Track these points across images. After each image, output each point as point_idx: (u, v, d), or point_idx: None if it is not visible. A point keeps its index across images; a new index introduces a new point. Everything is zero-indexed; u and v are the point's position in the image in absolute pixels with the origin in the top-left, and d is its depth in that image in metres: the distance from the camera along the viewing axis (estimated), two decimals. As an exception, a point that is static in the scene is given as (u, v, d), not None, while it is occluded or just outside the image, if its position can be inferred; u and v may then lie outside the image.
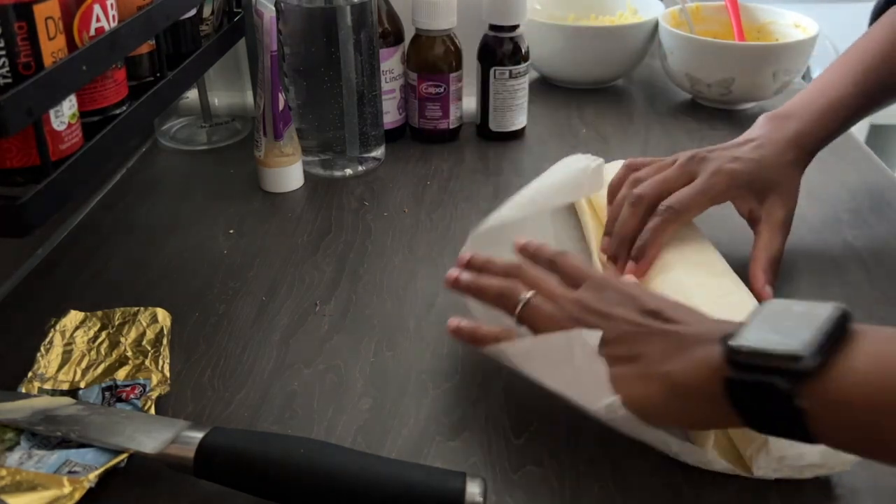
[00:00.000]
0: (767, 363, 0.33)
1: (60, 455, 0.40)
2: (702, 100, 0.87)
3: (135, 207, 0.69)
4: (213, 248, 0.62)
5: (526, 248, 0.49)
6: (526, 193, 0.58)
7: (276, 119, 0.66)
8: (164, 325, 0.51)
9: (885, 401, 0.32)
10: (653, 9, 0.90)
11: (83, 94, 0.51)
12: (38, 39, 0.44)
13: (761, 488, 0.40)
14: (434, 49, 0.75)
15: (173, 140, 0.81)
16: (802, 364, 0.32)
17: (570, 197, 0.62)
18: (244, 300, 0.56)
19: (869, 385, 0.32)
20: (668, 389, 0.37)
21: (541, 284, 0.44)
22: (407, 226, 0.65)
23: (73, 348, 0.49)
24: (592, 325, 0.40)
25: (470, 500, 0.37)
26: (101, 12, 0.50)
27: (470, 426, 0.45)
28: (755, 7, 0.90)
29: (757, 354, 0.34)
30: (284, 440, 0.40)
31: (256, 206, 0.68)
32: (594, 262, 0.57)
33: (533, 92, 0.80)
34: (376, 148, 0.74)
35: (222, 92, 0.85)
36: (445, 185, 0.71)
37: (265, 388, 0.48)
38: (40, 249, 0.62)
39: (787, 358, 0.33)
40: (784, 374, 0.33)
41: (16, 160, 0.46)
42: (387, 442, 0.44)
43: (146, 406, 0.44)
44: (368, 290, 0.57)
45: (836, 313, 0.34)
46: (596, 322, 0.41)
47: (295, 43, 0.68)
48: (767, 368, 0.33)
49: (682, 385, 0.37)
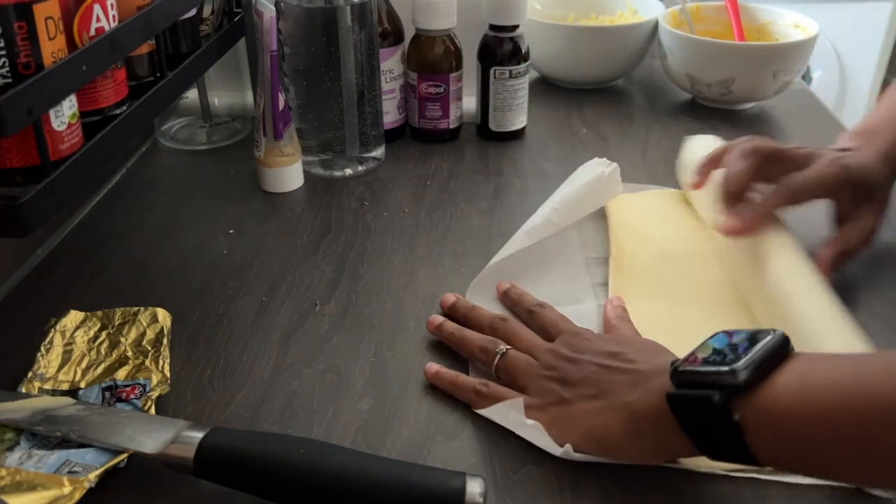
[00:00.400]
0: (704, 378, 0.36)
1: (60, 455, 0.40)
2: (702, 100, 0.87)
3: (135, 207, 0.69)
4: (213, 248, 0.62)
5: (507, 296, 0.54)
6: (542, 213, 0.59)
7: (276, 119, 0.66)
8: (165, 325, 0.51)
9: (810, 415, 0.33)
10: (653, 9, 0.91)
11: (83, 94, 0.51)
12: (38, 39, 0.44)
13: (760, 486, 0.40)
14: (434, 49, 0.75)
15: (173, 140, 0.81)
16: (736, 378, 0.34)
17: (590, 207, 0.62)
18: (244, 300, 0.56)
19: (794, 400, 0.34)
20: (629, 418, 0.39)
21: (518, 336, 0.48)
22: (407, 226, 0.65)
23: (74, 348, 0.49)
24: (563, 371, 0.44)
25: (470, 500, 0.37)
26: (101, 12, 0.50)
27: (470, 426, 0.45)
28: (755, 7, 0.90)
29: (695, 371, 0.36)
30: (284, 440, 0.40)
31: (256, 206, 0.68)
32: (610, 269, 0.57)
33: (533, 92, 0.80)
34: (376, 148, 0.74)
35: (222, 92, 0.85)
36: (445, 185, 0.71)
37: (265, 388, 0.48)
38: (40, 249, 0.62)
39: (721, 373, 0.35)
40: (719, 387, 0.35)
41: (16, 160, 0.46)
42: (387, 442, 0.44)
43: (146, 406, 0.44)
44: (368, 290, 0.57)
45: (775, 338, 0.36)
46: (566, 367, 0.44)
47: (295, 43, 0.68)
48: (704, 383, 0.36)
49: (641, 412, 0.39)
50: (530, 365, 0.45)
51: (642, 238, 0.60)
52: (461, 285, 0.57)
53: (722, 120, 0.83)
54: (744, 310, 0.53)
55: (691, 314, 0.53)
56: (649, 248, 0.59)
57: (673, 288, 0.55)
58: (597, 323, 0.52)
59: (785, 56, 0.80)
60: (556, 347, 0.46)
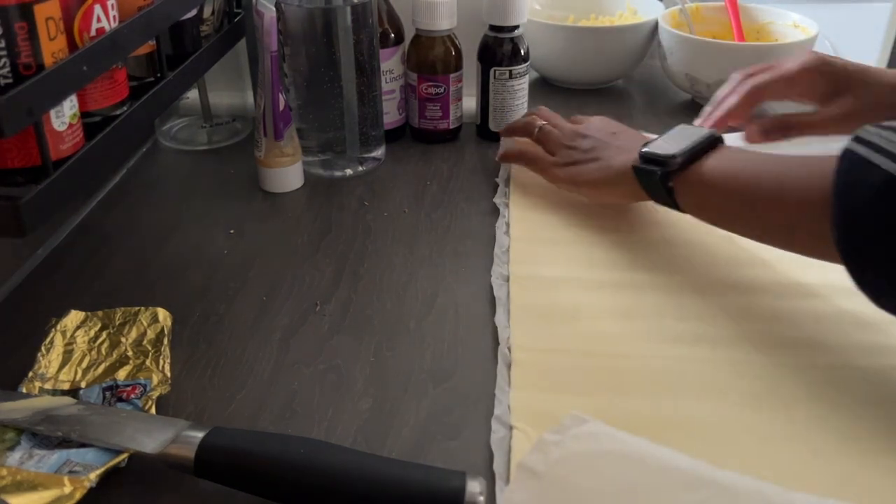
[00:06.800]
0: (654, 159, 0.55)
1: (61, 455, 0.40)
2: (702, 100, 0.87)
3: (135, 207, 0.69)
4: (213, 248, 0.62)
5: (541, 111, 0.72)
6: None
7: (277, 119, 0.66)
8: (165, 325, 0.51)
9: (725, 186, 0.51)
10: (653, 9, 0.91)
11: (84, 95, 0.51)
12: (39, 40, 0.44)
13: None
14: (434, 49, 0.75)
15: (174, 140, 0.81)
16: (672, 162, 0.53)
17: None
18: (244, 300, 0.56)
19: (715, 176, 0.51)
20: (614, 173, 0.60)
21: (550, 121, 0.69)
22: (407, 226, 0.65)
23: (74, 348, 0.49)
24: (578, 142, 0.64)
25: (470, 500, 0.37)
26: (102, 13, 0.50)
27: (470, 426, 0.45)
28: (755, 7, 0.90)
29: (650, 155, 0.55)
30: (284, 440, 0.40)
31: (256, 206, 0.68)
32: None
33: (533, 92, 0.80)
34: (376, 148, 0.74)
35: (223, 92, 0.85)
36: (445, 185, 0.71)
37: (265, 388, 0.48)
38: (41, 249, 0.62)
39: (663, 157, 0.54)
40: (660, 165, 0.54)
41: (16, 160, 0.46)
42: (387, 442, 0.44)
43: (147, 406, 0.45)
44: (368, 290, 0.57)
45: (708, 134, 0.54)
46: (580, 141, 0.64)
47: (295, 43, 0.68)
48: (653, 162, 0.55)
49: (620, 170, 0.59)
50: (557, 136, 0.66)
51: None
52: (461, 285, 0.57)
53: (722, 120, 0.83)
54: None
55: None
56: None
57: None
58: None
59: (784, 56, 0.79)
60: (576, 127, 0.66)
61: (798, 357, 0.48)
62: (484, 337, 0.52)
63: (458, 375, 0.48)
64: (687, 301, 0.53)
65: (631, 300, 0.54)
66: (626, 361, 0.48)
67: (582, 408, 0.42)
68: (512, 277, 0.56)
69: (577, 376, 0.47)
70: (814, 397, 0.45)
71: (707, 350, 0.49)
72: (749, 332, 0.50)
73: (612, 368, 0.48)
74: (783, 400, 0.45)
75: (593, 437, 0.40)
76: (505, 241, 0.61)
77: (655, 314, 0.52)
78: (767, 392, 0.45)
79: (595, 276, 0.57)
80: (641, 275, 0.57)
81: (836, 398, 0.45)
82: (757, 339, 0.50)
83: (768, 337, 0.50)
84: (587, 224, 0.63)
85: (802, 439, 0.42)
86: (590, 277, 0.57)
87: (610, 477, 0.38)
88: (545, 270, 0.57)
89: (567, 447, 0.39)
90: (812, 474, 0.40)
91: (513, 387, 0.46)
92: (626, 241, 0.60)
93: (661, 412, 0.44)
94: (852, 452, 0.41)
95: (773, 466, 0.41)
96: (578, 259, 0.59)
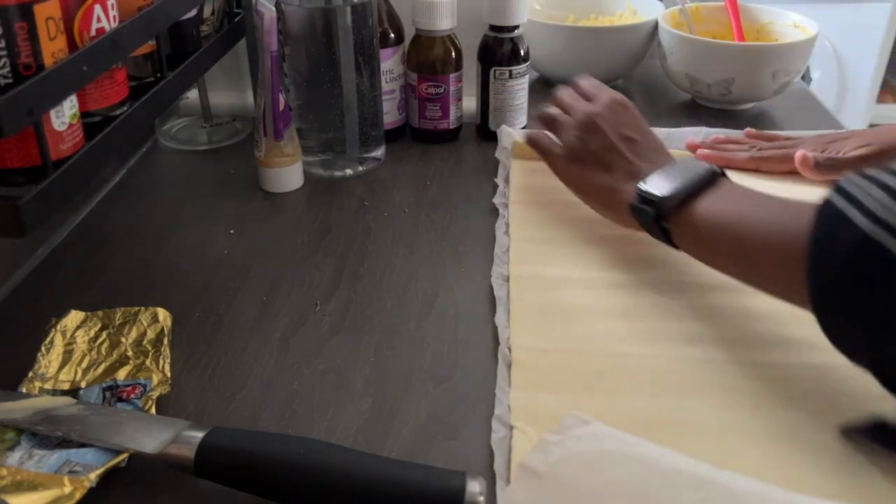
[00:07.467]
0: (648, 199, 0.53)
1: (61, 455, 0.40)
2: (702, 100, 0.87)
3: (135, 207, 0.69)
4: (213, 248, 0.62)
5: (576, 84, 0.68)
6: None
7: (277, 119, 0.66)
8: (165, 325, 0.51)
9: (715, 230, 0.49)
10: (652, 9, 0.91)
11: (84, 95, 0.51)
12: (39, 40, 0.44)
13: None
14: (434, 49, 0.75)
15: (174, 140, 0.81)
16: (665, 203, 0.52)
17: None
18: (244, 300, 0.56)
19: (707, 219, 0.50)
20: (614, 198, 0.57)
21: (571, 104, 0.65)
22: (407, 226, 0.65)
23: (74, 348, 0.49)
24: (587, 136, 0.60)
25: (470, 500, 0.37)
26: (102, 13, 0.50)
27: (470, 426, 0.45)
28: (755, 7, 0.90)
29: (645, 193, 0.54)
30: (284, 440, 0.40)
31: (256, 206, 0.68)
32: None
33: (533, 92, 0.80)
34: (376, 148, 0.74)
35: (223, 92, 0.85)
36: (445, 185, 0.71)
37: (265, 388, 0.48)
38: (41, 249, 0.62)
39: (658, 198, 0.52)
40: (654, 206, 0.53)
41: (16, 160, 0.46)
42: (387, 442, 0.44)
43: (147, 406, 0.45)
44: (368, 290, 0.57)
45: (707, 170, 0.53)
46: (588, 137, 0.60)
47: (295, 43, 0.68)
48: (647, 202, 0.53)
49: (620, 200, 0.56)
50: (566, 121, 0.63)
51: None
52: (461, 285, 0.57)
53: (721, 120, 0.83)
54: None
55: None
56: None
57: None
58: None
59: (784, 56, 0.80)
60: (589, 112, 0.61)
61: (798, 357, 0.48)
62: (484, 337, 0.52)
63: (458, 375, 0.48)
64: (687, 301, 0.53)
65: (631, 300, 0.54)
66: (627, 361, 0.48)
67: (582, 407, 0.42)
68: (512, 277, 0.56)
69: (577, 376, 0.47)
70: (814, 396, 0.45)
71: (707, 350, 0.49)
72: (749, 332, 0.50)
73: (613, 368, 0.48)
74: (784, 400, 0.45)
75: (594, 437, 0.40)
76: (505, 241, 0.61)
77: (655, 314, 0.52)
78: (768, 392, 0.45)
79: (595, 276, 0.57)
80: (641, 275, 0.57)
81: (837, 397, 0.45)
82: (757, 339, 0.50)
83: (769, 337, 0.50)
84: (587, 224, 0.62)
85: (803, 438, 0.42)
86: (590, 277, 0.57)
87: (611, 477, 0.38)
88: (545, 270, 0.57)
89: (568, 447, 0.39)
90: (812, 474, 0.40)
91: (513, 387, 0.46)
92: (626, 241, 0.60)
93: (661, 412, 0.44)
94: (853, 451, 0.41)
95: (774, 466, 0.41)
96: (578, 259, 0.59)
